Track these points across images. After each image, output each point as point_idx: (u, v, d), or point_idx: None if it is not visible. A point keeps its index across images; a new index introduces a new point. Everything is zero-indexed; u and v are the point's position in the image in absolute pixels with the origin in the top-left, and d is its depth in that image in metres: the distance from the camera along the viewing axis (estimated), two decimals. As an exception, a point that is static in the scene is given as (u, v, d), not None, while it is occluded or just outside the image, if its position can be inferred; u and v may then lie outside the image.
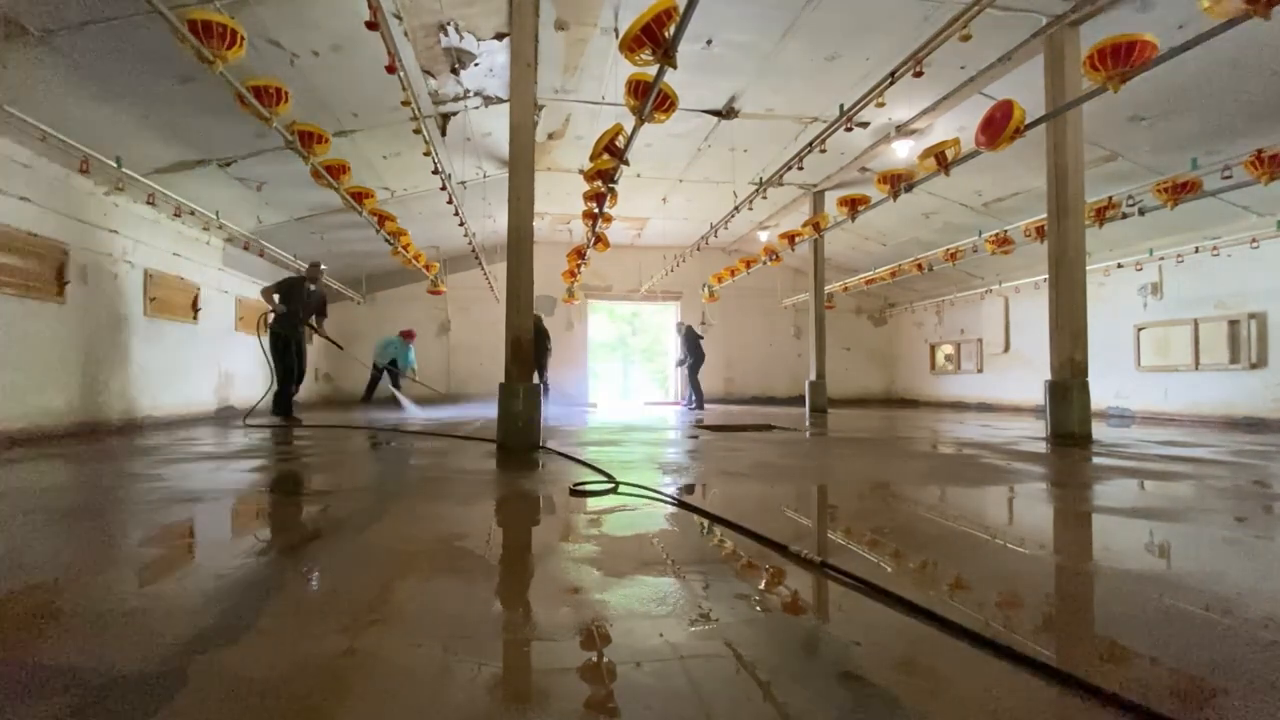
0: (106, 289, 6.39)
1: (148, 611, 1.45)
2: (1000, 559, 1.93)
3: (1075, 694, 1.04)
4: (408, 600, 1.53)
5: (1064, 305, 5.40)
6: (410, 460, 4.15)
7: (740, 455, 4.40)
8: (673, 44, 3.56)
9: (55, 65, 4.64)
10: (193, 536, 2.26)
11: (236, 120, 5.43)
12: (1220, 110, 5.92)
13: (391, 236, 8.34)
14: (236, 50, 3.94)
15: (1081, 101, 4.31)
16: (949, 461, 4.20)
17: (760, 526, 2.08)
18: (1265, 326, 7.49)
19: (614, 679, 1.13)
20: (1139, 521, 2.41)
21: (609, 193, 6.27)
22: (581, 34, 5.78)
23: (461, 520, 2.42)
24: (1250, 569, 1.83)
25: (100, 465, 3.82)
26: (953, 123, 6.80)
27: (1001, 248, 8.60)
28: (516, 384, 4.59)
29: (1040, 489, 3.17)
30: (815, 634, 1.37)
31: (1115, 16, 4.95)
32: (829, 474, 3.70)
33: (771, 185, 8.36)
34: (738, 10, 5.35)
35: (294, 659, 1.18)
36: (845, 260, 12.97)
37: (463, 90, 6.59)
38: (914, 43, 5.20)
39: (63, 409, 5.72)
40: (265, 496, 3.00)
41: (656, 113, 4.36)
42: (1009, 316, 11.64)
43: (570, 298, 12.77)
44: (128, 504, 2.66)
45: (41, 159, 5.42)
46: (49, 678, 1.10)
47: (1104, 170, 7.11)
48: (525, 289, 4.70)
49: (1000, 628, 1.34)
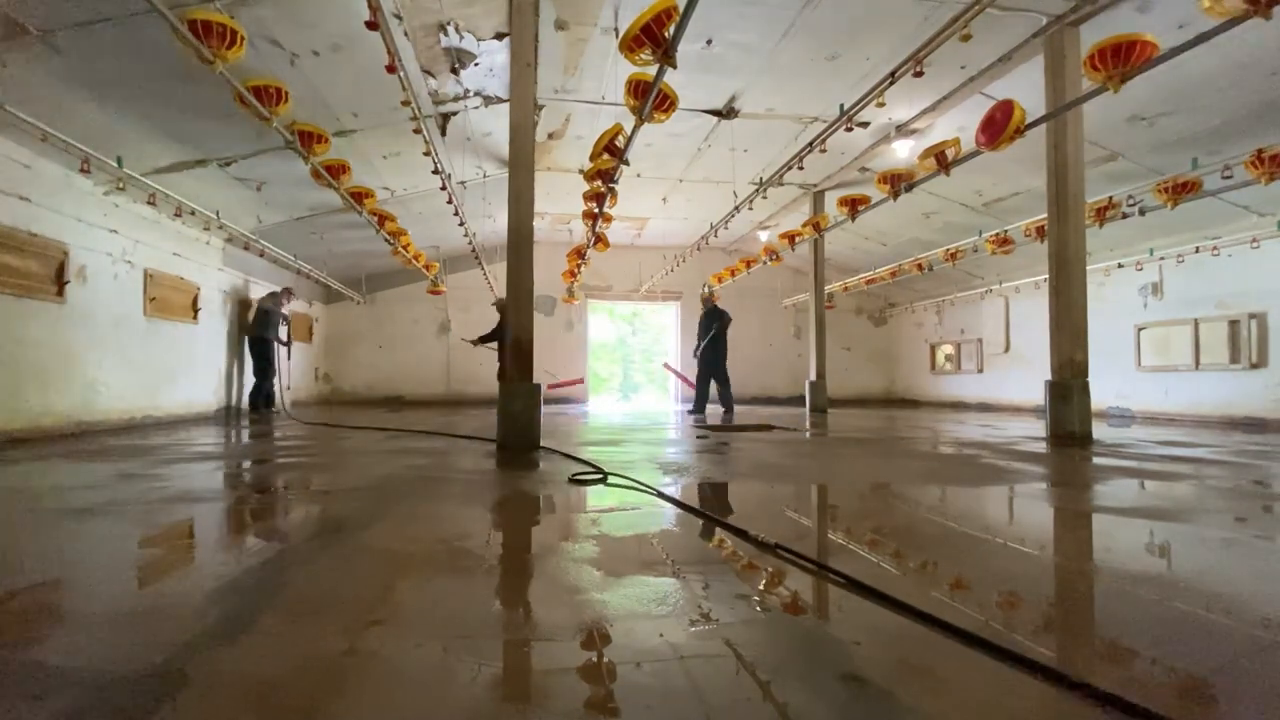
0: (106, 289, 6.39)
1: (148, 611, 1.45)
2: (1000, 559, 1.93)
3: (1070, 693, 1.04)
4: (408, 600, 1.53)
5: (1064, 305, 5.39)
6: (410, 460, 4.15)
7: (740, 455, 4.40)
8: (673, 44, 3.56)
9: (55, 65, 4.64)
10: (193, 536, 2.26)
11: (236, 120, 5.43)
12: (1220, 110, 5.92)
13: (391, 236, 8.34)
14: (236, 50, 3.94)
15: (1081, 101, 4.30)
16: (949, 462, 4.20)
17: (759, 527, 2.08)
18: (1265, 326, 7.49)
19: (614, 679, 1.13)
20: (1139, 522, 2.41)
21: (609, 193, 6.27)
22: (581, 34, 5.77)
23: (461, 520, 2.42)
24: (1250, 569, 1.83)
25: (100, 465, 3.82)
26: (953, 123, 6.80)
27: (1002, 248, 8.60)
28: (516, 384, 4.59)
29: (1040, 489, 3.17)
30: (815, 634, 1.37)
31: (1115, 16, 4.94)
32: (829, 474, 3.70)
33: (771, 185, 8.36)
34: (738, 10, 5.35)
35: (294, 659, 1.18)
36: (845, 260, 12.97)
37: (463, 90, 6.59)
38: (914, 43, 5.19)
39: (63, 409, 5.72)
40: (265, 496, 3.00)
41: (656, 113, 4.36)
42: (1009, 316, 11.63)
43: (570, 298, 12.77)
44: (128, 504, 2.66)
45: (41, 159, 5.42)
46: (49, 678, 1.10)
47: (1104, 170, 7.11)
48: (525, 289, 4.70)
49: (1000, 627, 1.34)
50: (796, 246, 9.31)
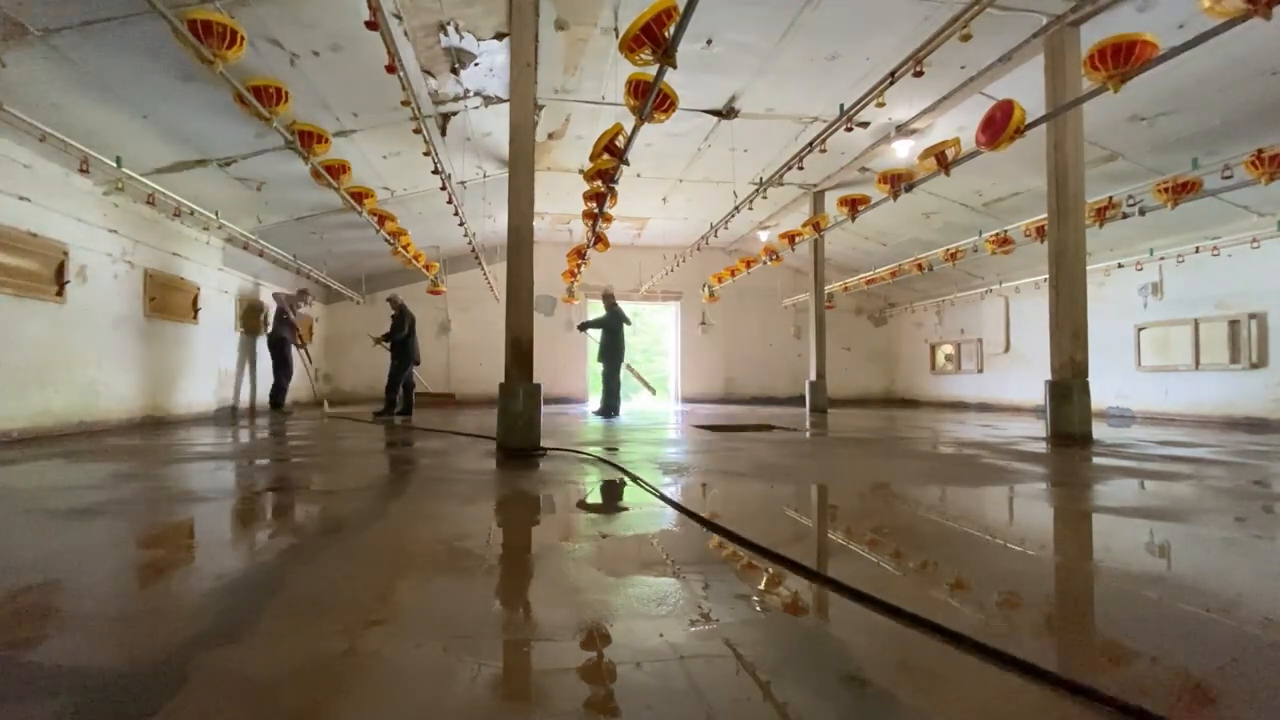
0: (106, 289, 6.39)
1: (148, 611, 1.45)
2: (1000, 559, 1.93)
3: (1066, 694, 1.04)
4: (408, 600, 1.53)
5: (1064, 305, 5.39)
6: (411, 459, 4.15)
7: (740, 455, 4.40)
8: (673, 44, 3.56)
9: (55, 65, 4.64)
10: (193, 536, 2.26)
11: (236, 120, 5.43)
12: (1220, 110, 5.92)
13: (391, 236, 8.34)
14: (236, 50, 3.94)
15: (1081, 101, 4.30)
16: (949, 462, 4.20)
17: (760, 527, 2.08)
18: (1265, 326, 7.49)
19: (614, 679, 1.13)
20: (1139, 522, 2.41)
21: (609, 193, 6.27)
22: (581, 34, 5.77)
23: (462, 520, 2.42)
24: (1250, 569, 1.83)
25: (100, 465, 3.82)
26: (953, 123, 6.80)
27: (1002, 248, 8.60)
28: (516, 384, 4.59)
29: (1040, 489, 3.17)
30: (815, 634, 1.37)
31: (1115, 16, 4.94)
32: (829, 474, 3.70)
33: (771, 185, 8.35)
34: (738, 10, 5.35)
35: (294, 659, 1.18)
36: (845, 260, 12.97)
37: (463, 90, 6.59)
38: (914, 43, 5.19)
39: (62, 409, 5.72)
40: (265, 496, 3.00)
41: (656, 113, 4.36)
42: (1009, 316, 11.63)
43: (570, 298, 12.77)
44: (128, 504, 2.66)
45: (41, 159, 5.42)
46: (49, 678, 1.10)
47: (1104, 170, 7.11)
48: (525, 289, 4.70)
49: (1000, 627, 1.34)
50: (796, 246, 9.31)
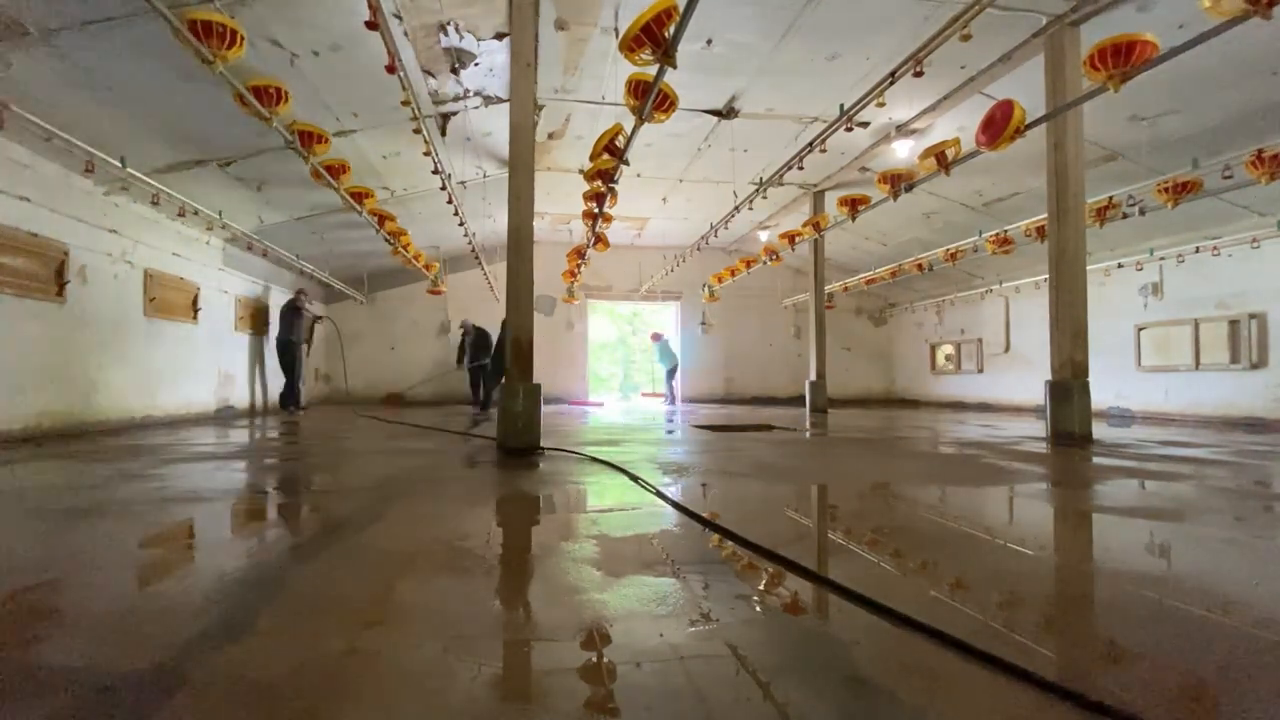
0: (106, 289, 6.39)
1: (148, 611, 1.45)
2: (1001, 559, 1.93)
3: (1066, 696, 1.04)
4: (409, 600, 1.53)
5: (1064, 305, 5.39)
6: (410, 459, 4.15)
7: (740, 454, 4.40)
8: (673, 44, 3.56)
9: (56, 65, 4.64)
10: (193, 536, 2.26)
11: (236, 120, 5.42)
12: (1220, 110, 5.92)
13: (391, 236, 8.34)
14: (236, 50, 3.94)
15: (1081, 101, 4.30)
16: (949, 462, 4.20)
17: (760, 527, 2.08)
18: (1265, 326, 7.49)
19: (614, 679, 1.13)
20: (1139, 522, 2.41)
21: (609, 193, 6.27)
22: (581, 34, 5.77)
23: (462, 520, 2.42)
24: (1250, 569, 1.83)
25: (100, 465, 3.82)
26: (953, 123, 6.80)
27: (1002, 248, 8.60)
28: (516, 384, 4.59)
29: (1041, 489, 3.17)
30: (815, 634, 1.37)
31: (1115, 16, 4.94)
32: (829, 474, 3.70)
33: (771, 185, 8.36)
34: (738, 10, 5.35)
35: (295, 659, 1.18)
36: (845, 260, 12.97)
37: (463, 90, 6.58)
38: (914, 43, 5.19)
39: (62, 409, 5.72)
40: (265, 496, 3.00)
41: (656, 113, 4.36)
42: (1009, 316, 11.63)
43: (570, 298, 12.77)
44: (128, 504, 2.66)
45: (41, 159, 5.42)
46: (49, 678, 1.10)
47: (1104, 170, 7.10)
48: (525, 289, 4.70)
49: (1000, 628, 1.34)
50: (796, 246, 9.31)
